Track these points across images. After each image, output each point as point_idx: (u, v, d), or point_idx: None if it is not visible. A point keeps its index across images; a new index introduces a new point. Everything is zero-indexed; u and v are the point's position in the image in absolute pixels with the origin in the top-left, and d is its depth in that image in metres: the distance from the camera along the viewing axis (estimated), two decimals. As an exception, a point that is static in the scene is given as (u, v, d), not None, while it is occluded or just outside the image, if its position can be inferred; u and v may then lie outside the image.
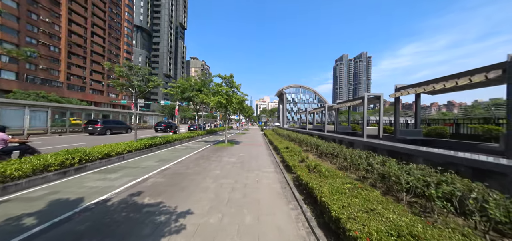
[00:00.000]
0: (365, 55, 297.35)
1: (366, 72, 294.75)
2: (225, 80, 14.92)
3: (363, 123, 12.82)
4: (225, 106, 15.28)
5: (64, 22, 50.51)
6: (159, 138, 13.49)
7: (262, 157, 10.79)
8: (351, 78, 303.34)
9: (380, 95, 13.47)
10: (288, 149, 9.93)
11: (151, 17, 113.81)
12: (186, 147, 14.06)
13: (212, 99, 14.07)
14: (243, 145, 15.81)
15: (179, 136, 16.46)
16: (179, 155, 10.72)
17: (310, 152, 10.85)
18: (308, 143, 11.80)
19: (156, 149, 12.17)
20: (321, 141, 10.76)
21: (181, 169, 7.66)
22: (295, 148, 9.79)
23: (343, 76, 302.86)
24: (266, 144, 16.74)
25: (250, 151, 12.86)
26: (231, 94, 15.03)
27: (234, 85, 15.01)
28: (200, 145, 15.67)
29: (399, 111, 13.62)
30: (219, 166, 8.33)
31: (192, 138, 19.29)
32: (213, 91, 14.96)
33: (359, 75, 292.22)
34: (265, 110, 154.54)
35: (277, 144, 12.14)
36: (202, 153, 11.66)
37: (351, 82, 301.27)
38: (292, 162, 7.24)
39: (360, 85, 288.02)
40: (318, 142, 10.40)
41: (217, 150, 12.95)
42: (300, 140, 13.34)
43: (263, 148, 14.25)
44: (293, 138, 15.33)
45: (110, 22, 68.09)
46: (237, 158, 10.18)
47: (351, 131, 18.29)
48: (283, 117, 63.59)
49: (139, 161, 9.07)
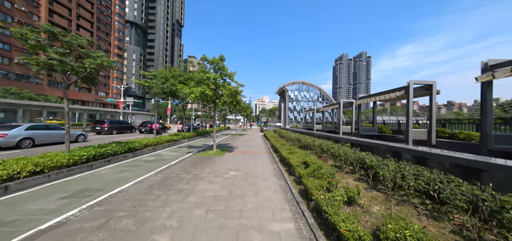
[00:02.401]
0: (364, 54, 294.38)
1: (366, 72, 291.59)
2: (212, 64, 10.77)
3: (410, 125, 8.78)
4: (213, 100, 11.14)
5: (44, 12, 46.01)
6: (114, 145, 9.32)
7: (264, 179, 6.65)
8: (351, 77, 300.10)
9: (432, 83, 9.37)
10: (310, 169, 5.79)
11: (146, 13, 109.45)
12: (155, 158, 9.88)
13: (194, 90, 9.93)
14: (236, 154, 11.65)
15: (152, 141, 12.29)
16: (129, 178, 6.56)
17: (350, 176, 6.59)
18: (337, 155, 7.61)
19: (103, 163, 8.00)
20: (373, 157, 6.54)
21: (92, 222, 3.54)
22: (322, 168, 5.65)
23: (343, 75, 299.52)
24: (268, 152, 12.59)
25: (246, 165, 8.71)
26: (220, 83, 10.89)
27: (226, 72, 10.88)
28: (179, 153, 11.50)
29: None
30: (182, 210, 4.19)
31: (173, 143, 15.12)
32: (196, 79, 10.83)
33: (359, 74, 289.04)
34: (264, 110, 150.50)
35: (288, 156, 7.98)
36: (171, 170, 7.48)
37: (351, 81, 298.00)
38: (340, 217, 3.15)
39: (360, 84, 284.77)
40: (364, 157, 6.20)
41: (197, 163, 8.79)
42: (322, 148, 9.12)
43: (264, 160, 10.10)
44: (306, 144, 11.17)
45: (99, 15, 63.60)
46: (222, 184, 6.02)
47: (377, 133, 14.19)
48: (285, 116, 59.01)
49: (34, 196, 4.89)
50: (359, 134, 14.24)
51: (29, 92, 36.41)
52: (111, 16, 70.23)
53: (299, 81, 59.19)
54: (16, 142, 11.34)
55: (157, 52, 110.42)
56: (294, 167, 6.46)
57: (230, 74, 11.05)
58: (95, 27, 61.74)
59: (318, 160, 7.12)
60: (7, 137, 11.06)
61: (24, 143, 11.71)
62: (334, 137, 12.53)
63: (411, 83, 9.51)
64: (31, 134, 12.13)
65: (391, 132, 14.26)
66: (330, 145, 8.55)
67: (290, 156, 7.88)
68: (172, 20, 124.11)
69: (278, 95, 73.47)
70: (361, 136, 13.41)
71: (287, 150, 9.88)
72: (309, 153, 8.98)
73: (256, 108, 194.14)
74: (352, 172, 6.56)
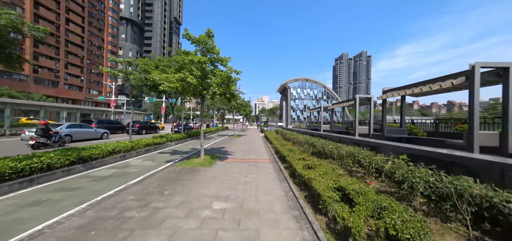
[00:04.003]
0: (365, 53, 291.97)
1: (366, 71, 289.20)
2: (198, 44, 7.90)
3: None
4: (199, 92, 8.27)
5: (29, 4, 42.97)
6: (52, 154, 6.41)
7: (273, 223, 3.79)
8: (351, 77, 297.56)
9: (509, 65, 6.54)
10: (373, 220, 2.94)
11: (143, 10, 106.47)
12: (114, 172, 6.98)
13: (170, 76, 7.08)
14: (230, 164, 8.79)
15: (123, 146, 9.45)
16: (23, 225, 3.69)
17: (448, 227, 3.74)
18: (389, 175, 4.75)
19: (19, 185, 5.12)
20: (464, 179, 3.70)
21: None
22: (394, 211, 2.83)
23: (343, 75, 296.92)
24: (272, 160, 9.75)
25: (241, 186, 5.85)
26: (208, 70, 8.04)
27: (217, 55, 8.01)
28: (154, 163, 8.62)
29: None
30: None
31: (155, 147, 12.25)
32: (178, 64, 7.95)
33: (359, 74, 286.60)
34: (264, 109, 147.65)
35: (306, 174, 5.06)
36: (118, 200, 4.61)
37: (351, 81, 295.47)
38: None
39: (360, 84, 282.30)
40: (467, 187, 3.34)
41: (170, 182, 5.92)
42: (357, 160, 6.21)
43: (268, 174, 7.23)
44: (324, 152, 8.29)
45: (91, 10, 60.52)
46: (194, 236, 3.17)
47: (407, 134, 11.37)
48: (287, 115, 55.52)
49: None
50: (385, 137, 11.42)
51: (8, 88, 33.42)
52: (104, 11, 67.13)
53: (302, 78, 55.77)
54: None
55: (154, 50, 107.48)
56: (326, 202, 3.59)
57: (222, 59, 8.17)
58: (86, 22, 58.65)
59: (355, 181, 4.27)
60: None
61: (66, 139, 13.40)
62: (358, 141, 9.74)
63: (477, 65, 6.66)
64: (70, 131, 14.41)
65: (425, 134, 11.41)
66: (370, 156, 5.68)
67: (310, 173, 5.02)
68: (169, 18, 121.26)
69: (280, 93, 70.45)
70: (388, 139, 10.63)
71: (299, 159, 7.03)
72: (334, 166, 6.10)
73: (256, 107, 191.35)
74: (438, 213, 3.73)
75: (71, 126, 14.97)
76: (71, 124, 15.26)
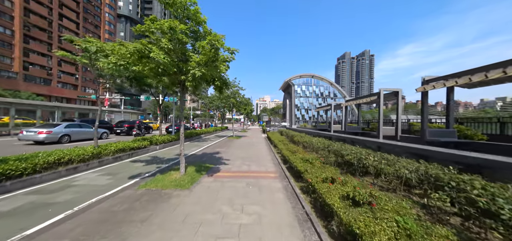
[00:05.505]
0: (367, 52, 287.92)
1: (369, 71, 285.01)
2: (172, 6, 5.33)
3: None
4: (175, 77, 5.69)
5: (18, -2, 40.75)
6: None
7: None
8: (353, 76, 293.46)
9: None
10: None
11: (142, 7, 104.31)
12: (35, 200, 4.38)
13: (121, 48, 4.56)
14: (221, 183, 6.21)
15: (81, 154, 6.93)
16: None
17: None
18: None
19: None
20: None
21: None
22: None
23: (346, 74, 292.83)
24: (279, 172, 7.15)
25: None
26: (187, 43, 5.45)
27: (203, 27, 5.46)
28: (113, 180, 6.01)
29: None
30: None
31: (130, 152, 9.69)
32: (144, 40, 5.40)
33: (361, 73, 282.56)
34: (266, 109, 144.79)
35: (363, 230, 2.45)
36: None
37: (353, 80, 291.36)
38: None
39: (363, 83, 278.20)
40: None
41: (107, 231, 3.33)
42: (428, 181, 3.56)
43: (279, 208, 4.63)
44: (362, 166, 5.66)
45: (86, 5, 58.31)
46: None
47: (456, 138, 8.70)
48: (291, 115, 52.20)
49: None
50: (426, 141, 8.79)
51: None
52: (101, 7, 64.90)
53: (307, 74, 52.35)
54: (58, 138, 12.95)
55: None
56: None
57: (211, 33, 5.54)
58: (81, 17, 56.44)
59: None
60: (52, 134, 12.61)
61: (64, 139, 13.27)
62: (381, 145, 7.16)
63: None
64: (69, 131, 13.79)
65: (485, 138, 8.70)
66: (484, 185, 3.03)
67: (370, 224, 2.40)
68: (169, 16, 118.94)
69: (283, 91, 67.43)
70: (432, 144, 8.08)
71: (326, 179, 4.42)
72: (391, 195, 3.48)
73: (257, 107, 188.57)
74: None
75: (70, 126, 14.21)
76: (70, 123, 14.57)
